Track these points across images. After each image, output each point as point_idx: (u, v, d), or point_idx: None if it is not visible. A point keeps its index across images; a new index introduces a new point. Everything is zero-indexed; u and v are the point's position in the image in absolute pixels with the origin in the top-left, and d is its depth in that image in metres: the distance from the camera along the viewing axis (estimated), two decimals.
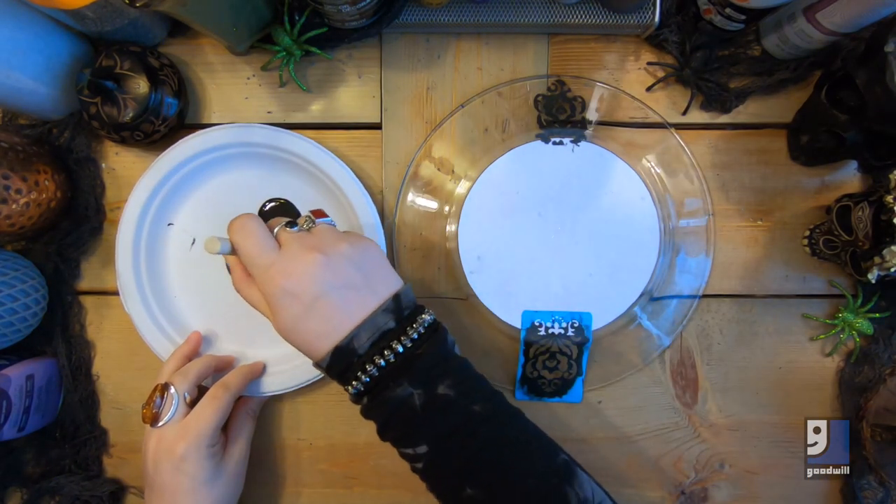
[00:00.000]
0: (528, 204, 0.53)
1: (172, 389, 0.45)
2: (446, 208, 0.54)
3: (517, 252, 0.53)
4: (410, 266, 0.54)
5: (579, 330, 0.52)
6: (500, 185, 0.52)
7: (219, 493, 0.46)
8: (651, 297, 0.53)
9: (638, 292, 0.52)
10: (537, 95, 0.53)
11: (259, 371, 0.51)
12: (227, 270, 0.54)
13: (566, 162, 0.52)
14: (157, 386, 0.46)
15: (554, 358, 0.53)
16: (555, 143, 0.52)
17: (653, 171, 0.53)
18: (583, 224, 0.52)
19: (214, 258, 0.54)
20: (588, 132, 0.53)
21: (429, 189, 0.54)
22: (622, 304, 0.52)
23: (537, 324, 0.52)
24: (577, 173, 0.52)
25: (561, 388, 0.53)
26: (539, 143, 0.52)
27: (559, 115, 0.53)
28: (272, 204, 0.54)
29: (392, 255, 0.54)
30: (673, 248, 0.53)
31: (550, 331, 0.52)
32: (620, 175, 0.52)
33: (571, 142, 0.52)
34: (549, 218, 0.53)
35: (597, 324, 0.52)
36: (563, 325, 0.52)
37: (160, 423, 0.45)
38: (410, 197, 0.54)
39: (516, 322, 0.53)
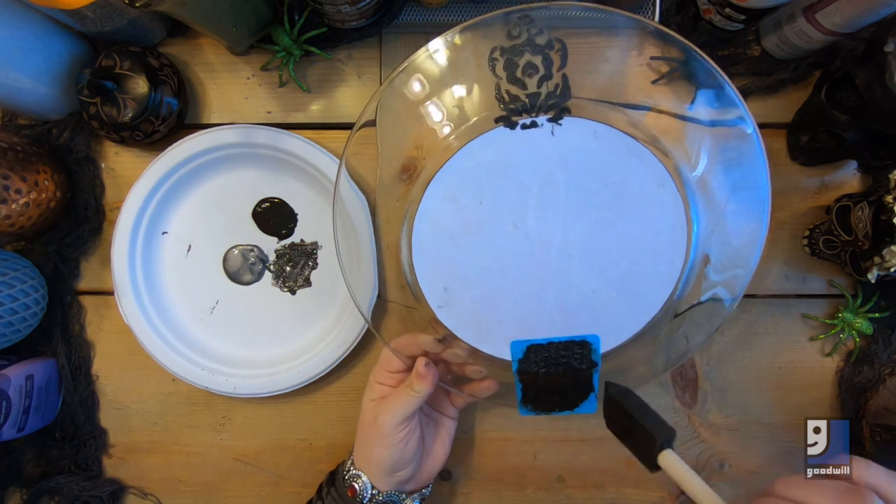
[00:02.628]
0: (498, 216, 0.40)
1: None
2: (396, 231, 0.44)
3: (492, 276, 0.41)
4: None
5: (584, 357, 0.40)
6: (455, 196, 0.40)
7: None
8: (676, 312, 0.43)
9: (660, 304, 0.41)
10: (493, 50, 0.37)
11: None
12: (223, 274, 0.54)
13: (544, 150, 0.39)
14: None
15: (557, 391, 0.42)
16: (524, 127, 0.38)
17: (670, 148, 0.40)
18: (577, 230, 0.40)
19: (211, 262, 0.54)
20: (574, 101, 0.38)
21: (372, 211, 0.44)
22: (638, 321, 0.42)
23: (531, 353, 0.41)
24: (562, 164, 0.39)
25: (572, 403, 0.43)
26: (502, 129, 0.39)
27: (526, 77, 0.38)
28: (265, 204, 0.54)
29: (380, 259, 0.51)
30: (707, 243, 0.42)
31: (546, 361, 0.41)
32: (627, 157, 0.39)
33: (549, 121, 0.38)
34: (530, 229, 0.40)
35: (606, 346, 0.42)
36: (564, 353, 0.41)
37: None
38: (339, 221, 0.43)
39: (505, 355, 0.41)
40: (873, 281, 0.46)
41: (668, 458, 0.33)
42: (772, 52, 0.52)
